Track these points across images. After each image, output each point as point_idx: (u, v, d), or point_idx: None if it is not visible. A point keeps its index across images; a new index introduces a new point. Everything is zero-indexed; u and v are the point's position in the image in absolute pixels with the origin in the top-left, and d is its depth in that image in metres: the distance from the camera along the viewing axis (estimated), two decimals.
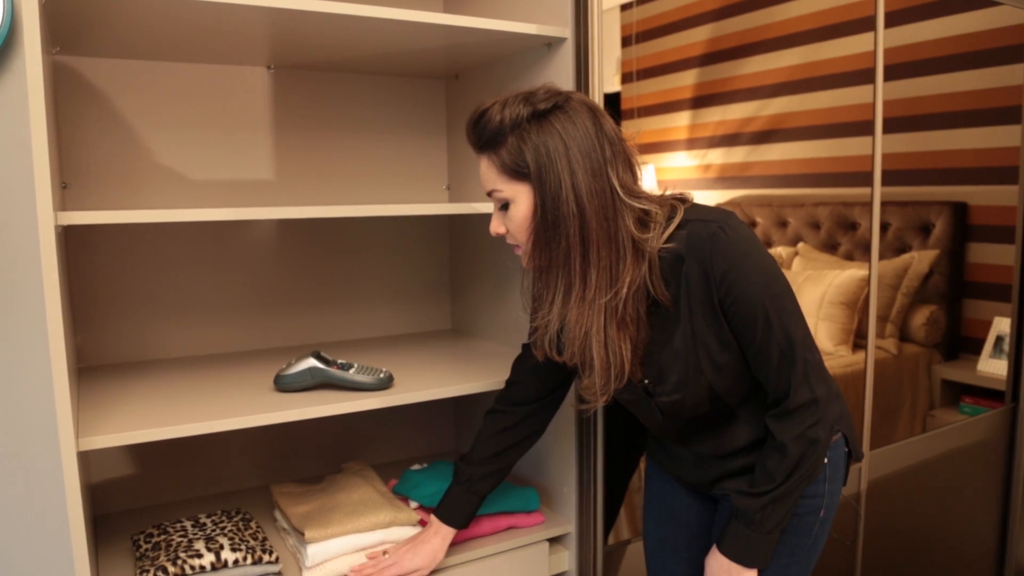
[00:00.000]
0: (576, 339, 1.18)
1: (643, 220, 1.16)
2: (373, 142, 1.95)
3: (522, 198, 1.15)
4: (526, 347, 1.45)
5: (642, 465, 1.79)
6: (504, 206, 1.19)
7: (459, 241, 2.06)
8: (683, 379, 1.21)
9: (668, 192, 1.21)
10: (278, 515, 1.61)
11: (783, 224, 2.18)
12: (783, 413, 1.20)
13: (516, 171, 1.14)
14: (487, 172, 1.18)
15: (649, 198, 1.18)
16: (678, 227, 1.15)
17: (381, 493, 1.58)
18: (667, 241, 1.15)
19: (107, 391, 1.48)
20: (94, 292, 1.69)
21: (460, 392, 1.51)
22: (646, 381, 1.25)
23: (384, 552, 1.46)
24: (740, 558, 1.25)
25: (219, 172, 1.78)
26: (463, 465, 1.46)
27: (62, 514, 1.31)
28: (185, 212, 1.24)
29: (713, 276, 1.13)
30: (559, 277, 1.16)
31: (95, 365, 1.71)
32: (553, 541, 1.68)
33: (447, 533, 1.46)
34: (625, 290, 1.14)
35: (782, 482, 1.20)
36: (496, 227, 1.22)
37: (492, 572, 1.58)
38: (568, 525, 1.67)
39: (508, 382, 1.47)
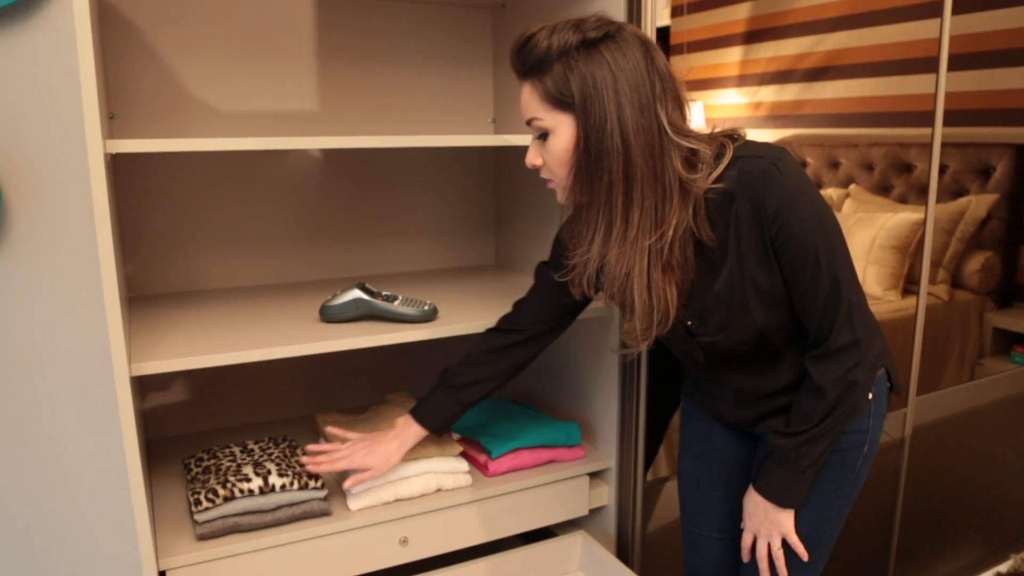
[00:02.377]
0: (616, 280, 1.16)
1: (690, 160, 1.13)
2: (418, 73, 1.93)
3: (563, 129, 1.12)
4: (540, 269, 1.42)
5: None
6: (543, 136, 1.15)
7: (504, 175, 2.04)
8: (728, 319, 1.20)
9: (718, 129, 1.18)
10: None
11: (835, 165, 2.13)
12: (823, 355, 1.18)
13: (560, 100, 1.11)
14: (529, 99, 1.15)
15: (698, 137, 1.14)
16: (728, 165, 1.12)
17: None
18: (716, 181, 1.12)
19: (156, 319, 1.51)
20: (140, 223, 1.72)
21: None
22: (688, 322, 1.24)
23: (341, 443, 1.45)
24: (775, 497, 1.26)
25: (263, 103, 1.78)
26: (452, 368, 1.42)
27: (117, 437, 1.36)
28: (232, 141, 1.24)
29: (765, 213, 1.11)
30: (600, 215, 1.13)
31: (143, 295, 1.74)
32: (593, 476, 1.70)
33: (408, 436, 1.42)
34: (671, 232, 1.12)
35: (818, 423, 1.20)
36: (532, 158, 1.19)
37: (532, 504, 1.61)
38: (609, 460, 1.69)
39: (516, 303, 1.44)
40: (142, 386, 1.75)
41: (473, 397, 1.42)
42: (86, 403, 1.35)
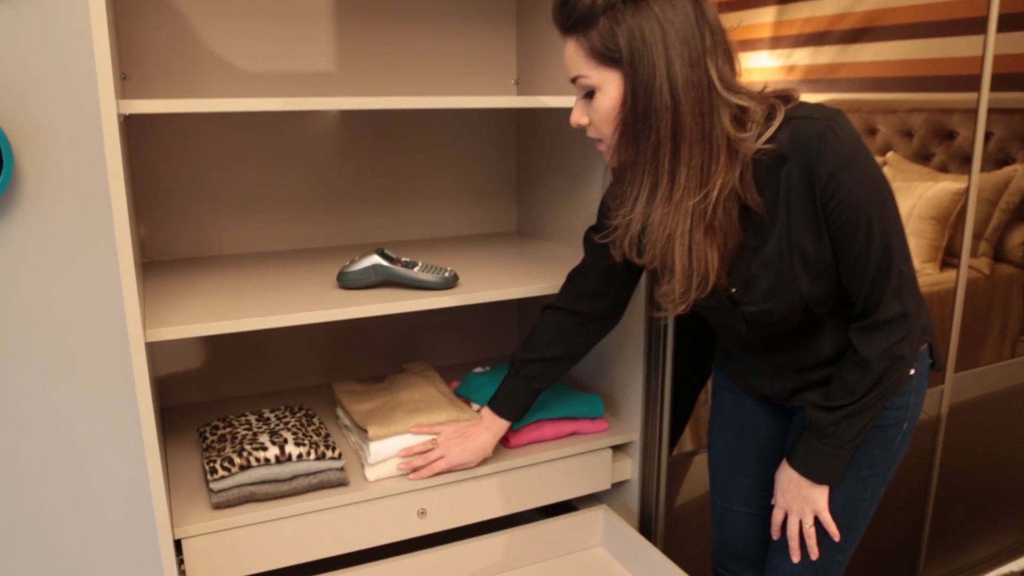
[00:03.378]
0: (658, 241, 1.14)
1: (739, 119, 1.10)
2: (438, 33, 1.91)
3: (610, 86, 1.10)
4: (588, 237, 1.42)
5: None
6: (589, 94, 1.13)
7: (527, 139, 2.03)
8: (774, 288, 1.18)
9: (769, 89, 1.15)
10: (340, 413, 1.66)
11: (872, 132, 2.10)
12: (870, 327, 1.17)
13: (606, 56, 1.08)
14: (573, 56, 1.12)
15: (749, 94, 1.12)
16: (779, 127, 1.10)
17: (443, 393, 1.61)
18: (766, 142, 1.10)
19: (171, 285, 1.52)
20: (154, 187, 1.72)
21: (526, 294, 1.51)
22: (732, 290, 1.22)
23: (432, 441, 1.49)
24: (810, 473, 1.25)
25: (279, 64, 1.77)
26: (520, 355, 1.46)
27: (132, 404, 1.37)
28: (247, 101, 1.24)
29: (819, 178, 1.08)
30: (645, 174, 1.12)
31: (157, 260, 1.75)
32: (616, 449, 1.71)
33: (499, 428, 1.48)
34: (716, 193, 1.10)
35: (860, 397, 1.19)
36: (578, 117, 1.16)
37: (553, 477, 1.62)
38: (633, 433, 1.69)
39: (570, 274, 1.46)
40: (156, 353, 1.77)
41: (546, 383, 1.47)
42: (100, 370, 1.36)
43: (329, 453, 1.43)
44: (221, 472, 1.36)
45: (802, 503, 1.28)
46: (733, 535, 1.52)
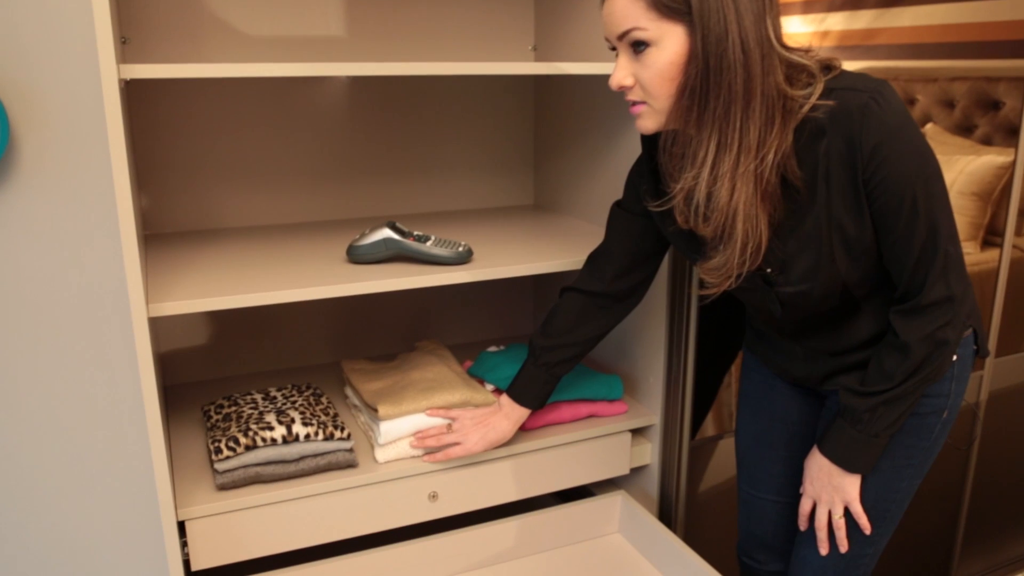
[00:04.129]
0: (724, 207, 1.12)
1: (790, 78, 1.10)
2: None
3: (671, 41, 1.07)
4: (615, 213, 1.42)
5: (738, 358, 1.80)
6: (637, 48, 1.09)
7: (545, 108, 2.03)
8: (812, 269, 1.17)
9: (812, 53, 1.13)
10: (349, 392, 1.68)
11: (911, 102, 2.08)
12: (913, 310, 1.16)
13: (670, 8, 1.05)
14: (627, 9, 1.07)
15: (799, 52, 1.11)
16: (820, 97, 1.08)
17: (456, 373, 1.63)
18: (809, 112, 1.09)
19: (174, 259, 1.53)
20: (156, 157, 1.73)
21: (543, 270, 1.52)
22: (768, 270, 1.21)
23: (448, 426, 1.51)
24: (842, 460, 1.25)
25: (286, 28, 1.77)
26: (540, 341, 1.46)
27: (134, 381, 1.39)
28: (253, 67, 1.24)
29: (861, 152, 1.07)
30: (712, 134, 1.09)
31: (159, 233, 1.76)
32: (636, 433, 1.71)
33: (519, 416, 1.49)
34: (771, 156, 1.09)
35: (900, 383, 1.18)
36: (622, 78, 1.12)
37: (570, 461, 1.62)
38: (653, 416, 1.69)
39: (592, 254, 1.46)
40: (159, 328, 1.79)
41: (566, 369, 1.48)
42: (101, 345, 1.38)
43: (338, 433, 1.44)
44: (226, 452, 1.38)
45: (832, 492, 1.29)
46: (760, 524, 1.52)
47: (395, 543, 1.51)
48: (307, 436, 1.42)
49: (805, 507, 1.34)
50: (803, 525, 1.36)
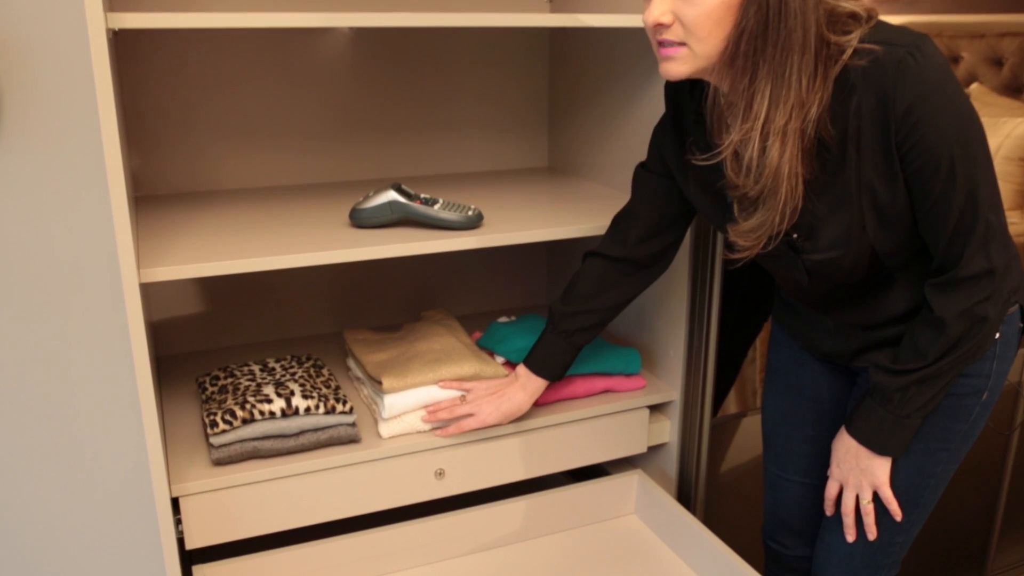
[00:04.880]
0: (773, 165, 1.10)
1: (833, 27, 1.08)
2: None
3: None
4: (640, 175, 1.42)
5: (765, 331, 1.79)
6: None
7: (560, 64, 2.01)
8: (841, 236, 1.16)
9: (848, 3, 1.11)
10: (352, 363, 1.68)
11: (955, 59, 2.05)
12: (949, 283, 1.15)
13: None
14: None
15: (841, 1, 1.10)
16: (854, 52, 1.07)
17: (465, 344, 1.63)
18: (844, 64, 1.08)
19: (166, 222, 1.52)
20: (147, 113, 1.73)
21: (558, 236, 1.51)
22: (794, 235, 1.20)
23: (461, 398, 1.51)
24: (870, 442, 1.25)
25: None
26: (560, 308, 1.46)
27: (125, 351, 1.39)
28: (250, 16, 1.23)
29: (895, 111, 1.05)
30: (764, 89, 1.07)
31: (151, 194, 1.76)
32: (654, 409, 1.71)
33: (535, 388, 1.50)
34: (815, 109, 1.08)
35: (934, 361, 1.17)
36: (660, 15, 1.07)
37: (584, 438, 1.62)
38: (672, 392, 1.69)
39: (616, 217, 1.46)
40: (151, 296, 1.78)
41: (586, 339, 1.47)
42: (90, 313, 1.38)
43: (339, 407, 1.44)
44: (222, 426, 1.38)
45: (860, 476, 1.28)
46: (786, 506, 1.53)
47: (399, 522, 1.51)
48: (307, 409, 1.42)
49: (831, 491, 1.34)
50: (829, 510, 1.36)
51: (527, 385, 1.49)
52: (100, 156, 1.30)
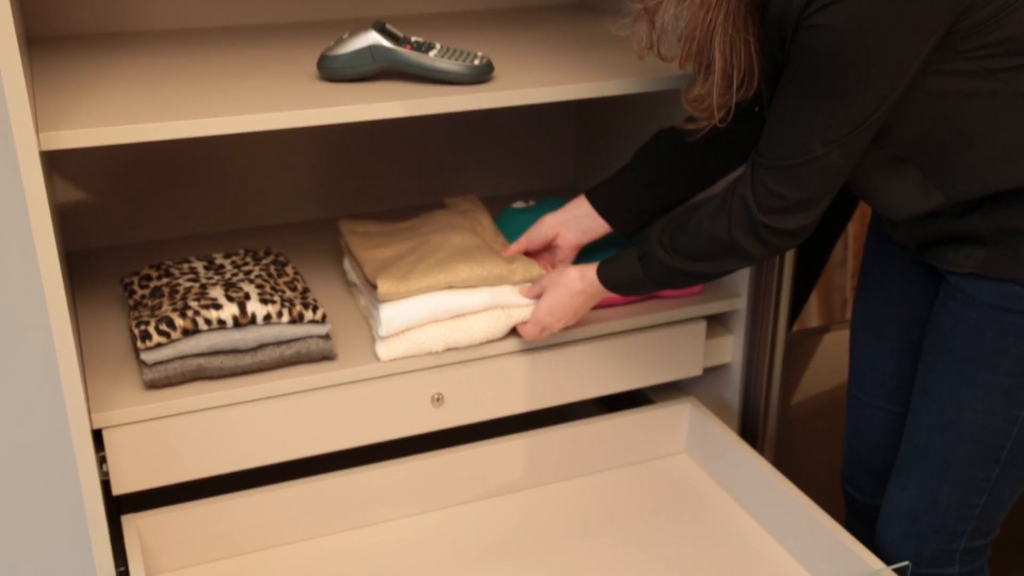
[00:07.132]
0: (697, 30, 1.21)
1: None
2: None
3: None
4: None
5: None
6: None
7: None
8: None
9: None
10: (348, 265, 1.67)
11: None
12: (727, 193, 1.29)
13: None
14: None
15: None
16: None
17: (487, 243, 1.62)
18: None
19: (73, 72, 1.49)
20: None
21: (589, 93, 1.48)
22: (756, 109, 1.30)
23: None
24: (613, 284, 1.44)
25: None
26: (633, 158, 1.53)
27: (26, 243, 1.34)
28: None
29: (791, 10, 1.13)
30: None
31: (52, 35, 1.72)
32: (712, 320, 1.72)
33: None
34: None
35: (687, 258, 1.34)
36: None
37: (623, 358, 1.62)
38: (737, 300, 1.70)
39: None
40: (57, 170, 1.77)
41: (661, 198, 1.53)
42: None
43: (308, 314, 1.44)
44: (156, 338, 1.37)
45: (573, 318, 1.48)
46: (867, 441, 1.55)
47: (387, 460, 1.53)
48: (267, 317, 1.42)
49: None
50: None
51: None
52: None
